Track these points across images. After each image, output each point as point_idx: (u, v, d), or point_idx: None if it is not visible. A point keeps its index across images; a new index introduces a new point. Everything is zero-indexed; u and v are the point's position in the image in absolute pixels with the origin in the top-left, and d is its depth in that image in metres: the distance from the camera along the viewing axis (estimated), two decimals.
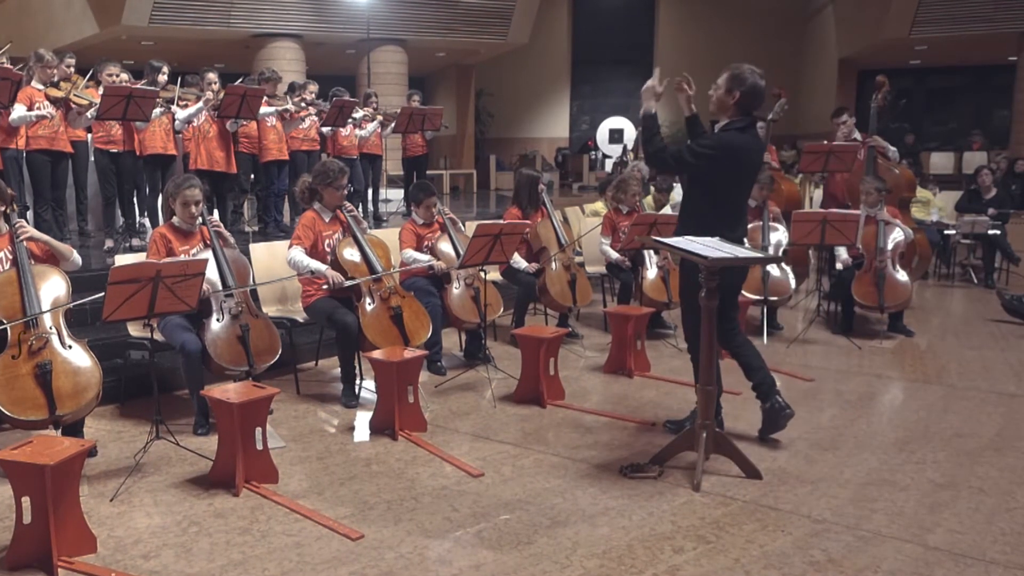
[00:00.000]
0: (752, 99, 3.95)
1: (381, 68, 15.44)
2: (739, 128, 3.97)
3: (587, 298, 6.32)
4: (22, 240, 4.00)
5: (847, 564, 3.01)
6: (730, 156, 3.92)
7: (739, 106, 3.96)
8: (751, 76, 3.93)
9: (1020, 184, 12.37)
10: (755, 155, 4.10)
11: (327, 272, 4.84)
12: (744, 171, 4.06)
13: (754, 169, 4.17)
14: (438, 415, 4.68)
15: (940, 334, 6.83)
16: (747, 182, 4.16)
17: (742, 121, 3.98)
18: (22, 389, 3.64)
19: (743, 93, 3.93)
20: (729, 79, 3.97)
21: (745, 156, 4.00)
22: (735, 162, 3.95)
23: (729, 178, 3.98)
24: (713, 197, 4.02)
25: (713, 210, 4.01)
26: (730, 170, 3.95)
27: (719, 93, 4.01)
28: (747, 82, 3.92)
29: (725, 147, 3.93)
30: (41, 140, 6.41)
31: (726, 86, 3.98)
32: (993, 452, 4.13)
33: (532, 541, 3.18)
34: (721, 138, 3.97)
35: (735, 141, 3.95)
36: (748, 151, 4.01)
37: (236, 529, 3.28)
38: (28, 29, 14.57)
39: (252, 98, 7.13)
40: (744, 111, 3.97)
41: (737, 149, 3.94)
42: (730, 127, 3.98)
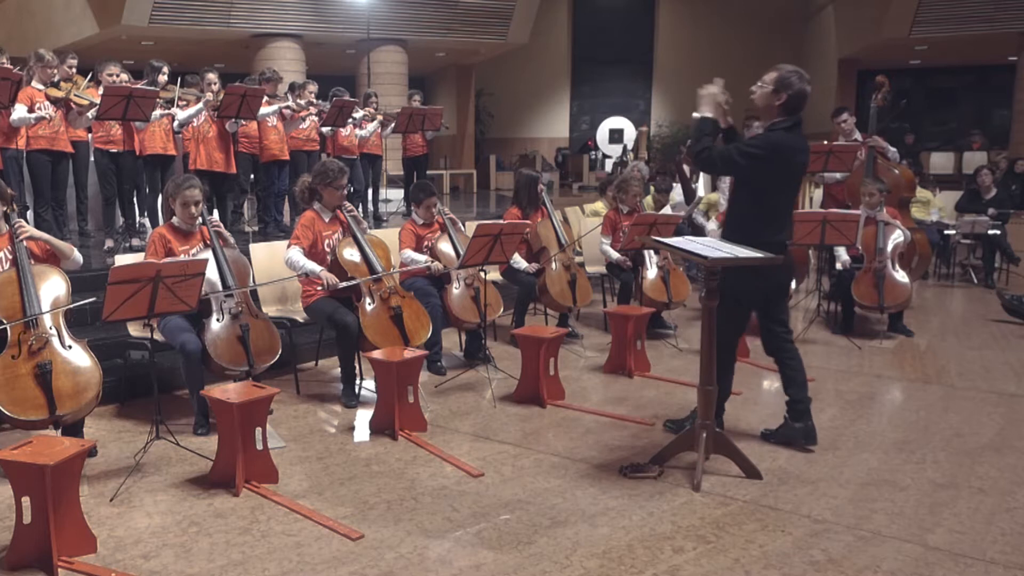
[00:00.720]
0: (798, 102, 3.91)
1: (381, 68, 15.43)
2: (786, 128, 3.91)
3: (587, 298, 6.32)
4: (22, 240, 4.00)
5: (847, 564, 3.01)
6: (778, 156, 3.86)
7: (784, 107, 3.91)
8: (799, 81, 3.90)
9: (1020, 184, 12.37)
10: (802, 156, 4.02)
11: (322, 274, 4.84)
12: (791, 172, 4.00)
13: (801, 170, 4.10)
14: (438, 415, 4.68)
15: (940, 334, 6.82)
16: (794, 183, 4.09)
17: (788, 121, 3.92)
18: (22, 389, 3.64)
19: (790, 96, 3.89)
20: (777, 79, 3.91)
21: (793, 156, 3.94)
22: (783, 163, 3.89)
23: (776, 179, 3.93)
24: (759, 199, 3.95)
25: (759, 212, 3.96)
26: (778, 171, 3.90)
27: (765, 91, 3.95)
28: (794, 86, 3.88)
29: (774, 147, 3.86)
30: (41, 140, 6.41)
31: (774, 86, 3.92)
32: (993, 452, 4.13)
33: (532, 541, 3.18)
34: (769, 138, 3.90)
35: (784, 141, 3.89)
36: (795, 151, 3.95)
37: (236, 529, 3.28)
38: (28, 29, 14.58)
39: (252, 98, 7.13)
40: (789, 112, 3.93)
41: (785, 149, 3.89)
42: (777, 127, 3.92)
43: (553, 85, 22.57)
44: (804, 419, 4.10)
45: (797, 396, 4.11)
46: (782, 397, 5.10)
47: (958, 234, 9.34)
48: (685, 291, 6.56)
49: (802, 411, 4.10)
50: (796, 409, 4.11)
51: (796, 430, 4.10)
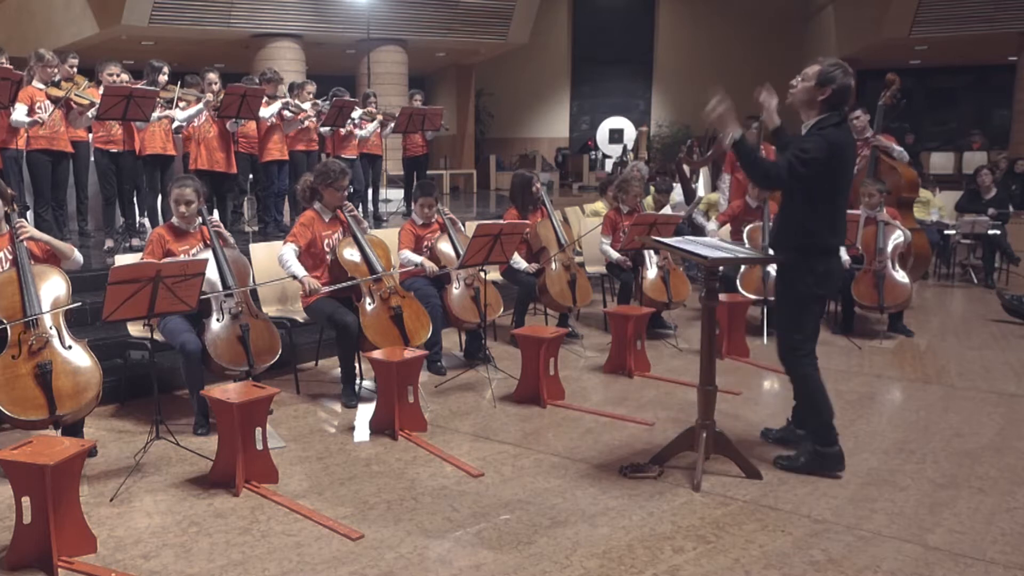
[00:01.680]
0: (842, 97, 3.73)
1: (381, 68, 15.43)
2: (835, 124, 3.71)
3: (587, 298, 6.32)
4: (22, 240, 4.00)
5: (847, 564, 3.01)
6: (838, 154, 3.67)
7: (828, 103, 3.72)
8: (843, 75, 3.71)
9: (1020, 184, 12.37)
10: (852, 151, 3.87)
11: (303, 279, 4.83)
12: (847, 169, 3.81)
13: (852, 165, 3.91)
14: (438, 415, 4.68)
15: (940, 334, 6.82)
16: (848, 180, 3.88)
17: (836, 116, 3.73)
18: (22, 389, 3.64)
19: (834, 91, 3.70)
20: (820, 73, 3.70)
21: (848, 153, 3.77)
22: (841, 162, 3.72)
23: (833, 178, 3.72)
24: (816, 201, 3.73)
25: (820, 217, 3.74)
26: (838, 171, 3.72)
27: (807, 86, 3.74)
28: (838, 80, 3.69)
29: (833, 146, 3.66)
30: (41, 140, 6.41)
31: (816, 80, 3.72)
32: (993, 452, 4.13)
33: (532, 541, 3.18)
34: (827, 136, 3.68)
35: (840, 139, 3.69)
36: (849, 147, 3.79)
37: (236, 529, 3.28)
38: (28, 29, 14.57)
39: (252, 98, 7.13)
40: (832, 107, 3.73)
41: (842, 146, 3.70)
42: (826, 123, 3.71)
43: (553, 85, 22.58)
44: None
45: None
46: (782, 397, 5.11)
47: (958, 234, 9.34)
48: (685, 291, 6.56)
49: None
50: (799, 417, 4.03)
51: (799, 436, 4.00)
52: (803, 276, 3.74)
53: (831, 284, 3.88)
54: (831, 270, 3.80)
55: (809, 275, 3.72)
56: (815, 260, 3.74)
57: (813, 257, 3.73)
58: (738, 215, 6.92)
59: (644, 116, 22.23)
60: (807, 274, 3.73)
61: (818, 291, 3.80)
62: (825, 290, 3.87)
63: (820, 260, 3.75)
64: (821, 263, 3.74)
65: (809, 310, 3.82)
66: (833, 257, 3.81)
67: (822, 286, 3.79)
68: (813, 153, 3.62)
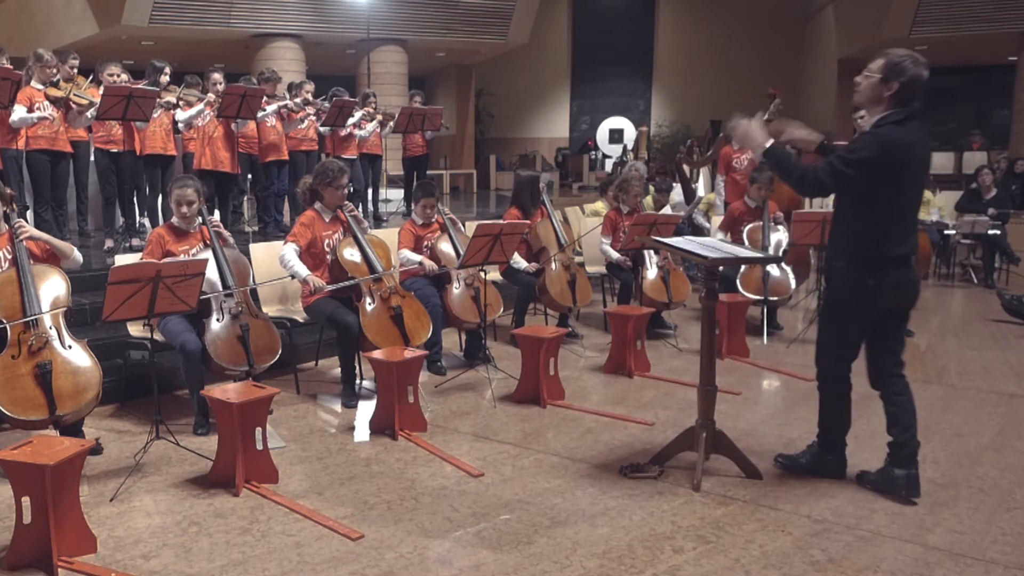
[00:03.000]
0: (913, 91, 3.36)
1: (381, 68, 15.43)
2: (896, 122, 3.36)
3: (587, 298, 6.32)
4: (22, 240, 4.00)
5: (847, 564, 3.01)
6: (894, 155, 3.32)
7: (896, 98, 3.37)
8: (913, 66, 3.34)
9: (1020, 184, 12.37)
10: (921, 150, 3.46)
11: (307, 278, 4.83)
12: (910, 171, 3.41)
13: (922, 167, 3.49)
14: (438, 415, 4.68)
15: (940, 334, 6.82)
16: (915, 184, 3.47)
17: (900, 113, 3.36)
18: (22, 389, 3.64)
19: (903, 84, 3.34)
20: (886, 66, 3.36)
21: (910, 153, 3.39)
22: (899, 162, 3.34)
23: (893, 182, 3.36)
24: (874, 208, 3.38)
25: (877, 224, 3.39)
26: (894, 172, 3.35)
27: (872, 81, 3.40)
28: (908, 72, 3.33)
29: (886, 145, 3.31)
30: (41, 140, 6.40)
31: (882, 74, 3.37)
32: (993, 452, 4.13)
33: (532, 541, 3.18)
34: (879, 135, 3.35)
35: (896, 137, 3.33)
36: (913, 146, 3.39)
37: (236, 529, 3.28)
38: (28, 29, 14.57)
39: (252, 98, 7.13)
40: (902, 104, 3.38)
41: (901, 146, 3.34)
42: (885, 121, 3.38)
43: (553, 85, 22.59)
44: (908, 465, 3.56)
45: (901, 438, 3.56)
46: (782, 397, 5.12)
47: (958, 234, 9.34)
48: (685, 291, 6.56)
49: (906, 456, 3.57)
50: (899, 454, 3.58)
51: (897, 477, 3.56)
52: (851, 288, 3.46)
53: (889, 297, 3.46)
54: (888, 282, 3.42)
55: (858, 287, 3.43)
56: (867, 271, 3.41)
57: (866, 268, 3.41)
58: (737, 216, 6.92)
59: (644, 116, 22.23)
60: (856, 286, 3.44)
61: (864, 307, 3.46)
62: (877, 306, 3.46)
63: (873, 272, 3.41)
64: (874, 275, 3.41)
65: (853, 326, 3.53)
66: (891, 270, 3.42)
67: (872, 301, 3.44)
68: (861, 153, 3.33)
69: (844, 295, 3.52)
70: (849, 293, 3.49)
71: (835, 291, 3.59)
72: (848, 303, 3.51)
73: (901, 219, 3.44)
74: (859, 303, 3.47)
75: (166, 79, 7.13)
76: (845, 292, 3.51)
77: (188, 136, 7.33)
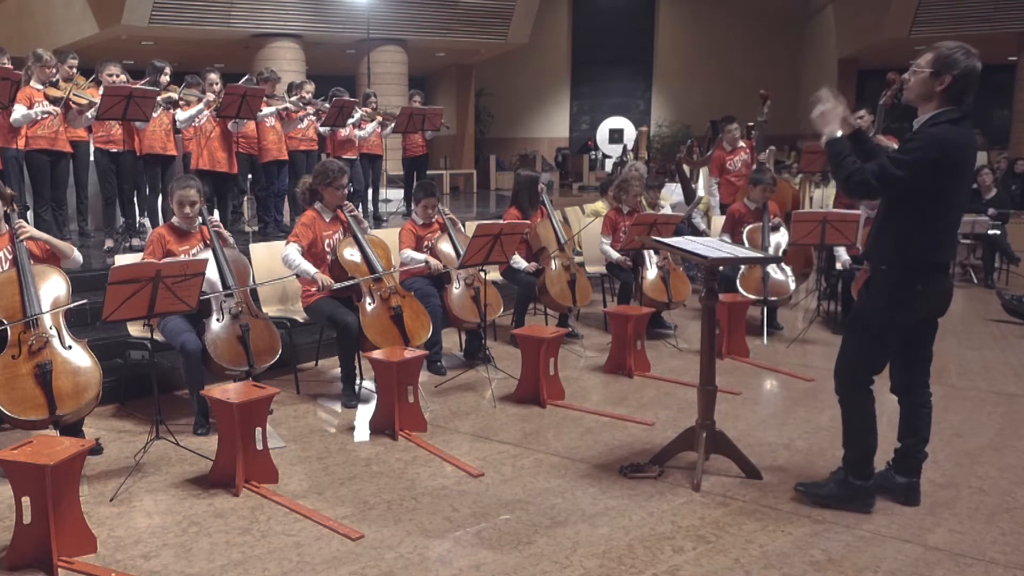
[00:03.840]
0: (966, 85, 3.15)
1: (381, 68, 15.43)
2: (952, 121, 3.15)
3: (587, 298, 6.32)
4: (22, 240, 4.00)
5: (847, 564, 3.01)
6: (947, 156, 3.12)
7: (949, 94, 3.16)
8: (966, 58, 3.13)
9: (1020, 184, 12.37)
10: (973, 153, 3.29)
11: (316, 276, 4.84)
12: (964, 174, 3.24)
13: (972, 171, 3.36)
14: (438, 415, 4.68)
15: (940, 334, 6.74)
16: (965, 188, 3.31)
17: (955, 111, 3.16)
18: (22, 389, 3.64)
19: (956, 77, 3.13)
20: (936, 60, 3.16)
21: (965, 155, 3.22)
22: (954, 163, 3.15)
23: (946, 185, 3.15)
24: (924, 212, 3.19)
25: (926, 229, 3.21)
26: (948, 175, 3.14)
27: (922, 76, 3.19)
28: (960, 64, 3.12)
29: (941, 145, 3.10)
30: (41, 140, 6.41)
31: (932, 68, 3.16)
32: (993, 452, 4.13)
33: (532, 541, 3.18)
34: (934, 135, 3.13)
35: (951, 137, 3.13)
36: (967, 148, 3.22)
37: (236, 529, 3.28)
38: (28, 29, 14.57)
39: (252, 98, 7.13)
40: (955, 100, 3.17)
41: (955, 147, 3.14)
42: (940, 119, 3.16)
43: (553, 85, 22.58)
44: (911, 474, 3.52)
45: (912, 449, 3.51)
46: (782, 397, 5.12)
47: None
48: (685, 291, 6.56)
49: (912, 466, 3.52)
50: (905, 463, 3.53)
51: (899, 484, 3.53)
52: (896, 293, 3.26)
53: (931, 304, 3.34)
54: (933, 288, 3.28)
55: (904, 292, 3.25)
56: (914, 276, 3.24)
57: (912, 273, 3.24)
58: (738, 218, 6.92)
59: (644, 116, 22.23)
60: (902, 291, 3.25)
61: (906, 314, 3.29)
62: (917, 313, 3.32)
63: (919, 277, 3.24)
64: (920, 280, 3.24)
65: (885, 336, 3.34)
66: (938, 275, 3.28)
67: (914, 308, 3.28)
68: (916, 154, 3.11)
69: (886, 301, 3.28)
70: (892, 299, 3.27)
71: (876, 297, 3.32)
72: (890, 309, 3.28)
73: (950, 224, 3.28)
74: (902, 309, 3.27)
75: (166, 79, 7.13)
76: (887, 298, 3.28)
77: (187, 136, 7.33)
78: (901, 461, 3.54)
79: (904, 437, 3.53)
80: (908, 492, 3.50)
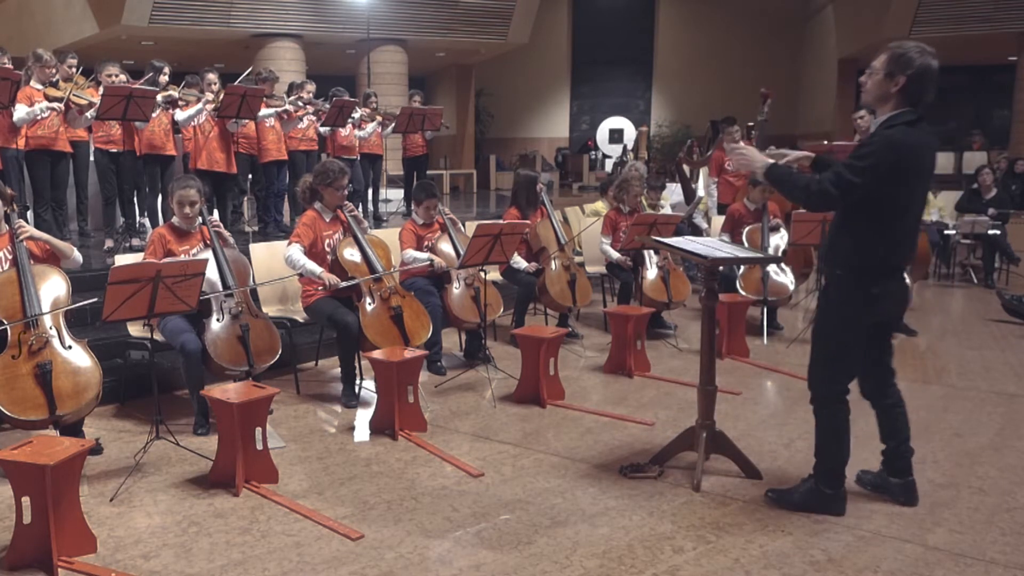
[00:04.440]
0: (922, 85, 3.12)
1: (381, 68, 15.43)
2: (908, 122, 3.13)
3: (587, 298, 6.32)
4: (22, 240, 4.00)
5: (847, 564, 3.01)
6: (903, 159, 3.08)
7: (905, 94, 3.14)
8: (920, 56, 3.10)
9: (1020, 184, 12.37)
10: (930, 155, 3.23)
11: (322, 275, 4.84)
12: (921, 177, 3.19)
13: (931, 174, 3.28)
14: (438, 415, 4.68)
15: (940, 334, 6.82)
16: (923, 191, 3.26)
17: (912, 113, 3.14)
18: (22, 389, 3.64)
19: (910, 78, 3.11)
20: (890, 60, 3.14)
21: (921, 157, 3.16)
22: (910, 167, 3.10)
23: (902, 188, 3.12)
24: (881, 217, 3.15)
25: (882, 233, 3.18)
26: (904, 178, 3.10)
27: (877, 78, 3.19)
28: (914, 64, 3.09)
29: (896, 147, 3.08)
30: (41, 140, 6.41)
31: (885, 69, 3.15)
32: (993, 452, 4.13)
33: (532, 541, 3.18)
34: (889, 138, 3.11)
35: (907, 139, 3.10)
36: (923, 150, 3.16)
37: (236, 529, 3.28)
38: (28, 29, 14.57)
39: (252, 98, 7.13)
40: (912, 101, 3.15)
41: (911, 149, 3.10)
42: (896, 121, 3.14)
43: (553, 85, 22.58)
44: (904, 474, 3.51)
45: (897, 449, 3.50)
46: (782, 397, 5.12)
47: (958, 234, 9.34)
48: (685, 291, 6.56)
49: (901, 466, 3.51)
50: (894, 464, 3.52)
51: (893, 485, 3.53)
52: (853, 298, 3.24)
53: (888, 307, 3.31)
54: (889, 291, 3.25)
55: (861, 297, 3.22)
56: (870, 281, 3.22)
57: (868, 277, 3.22)
58: (738, 218, 6.92)
59: (644, 116, 22.23)
60: (858, 295, 3.23)
61: (866, 317, 3.26)
62: (876, 316, 3.29)
63: (876, 281, 3.22)
64: (876, 284, 3.22)
65: (852, 340, 3.30)
66: (893, 279, 3.26)
67: (873, 311, 3.25)
68: (871, 159, 3.08)
69: (844, 305, 3.27)
70: (850, 302, 3.25)
71: (835, 302, 3.31)
72: (851, 313, 3.26)
73: (907, 228, 3.24)
74: (863, 311, 3.25)
75: (166, 79, 7.13)
76: (845, 302, 3.27)
77: (187, 136, 7.33)
78: (890, 463, 3.54)
79: (886, 440, 3.53)
80: (905, 493, 3.50)
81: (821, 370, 3.40)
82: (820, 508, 3.41)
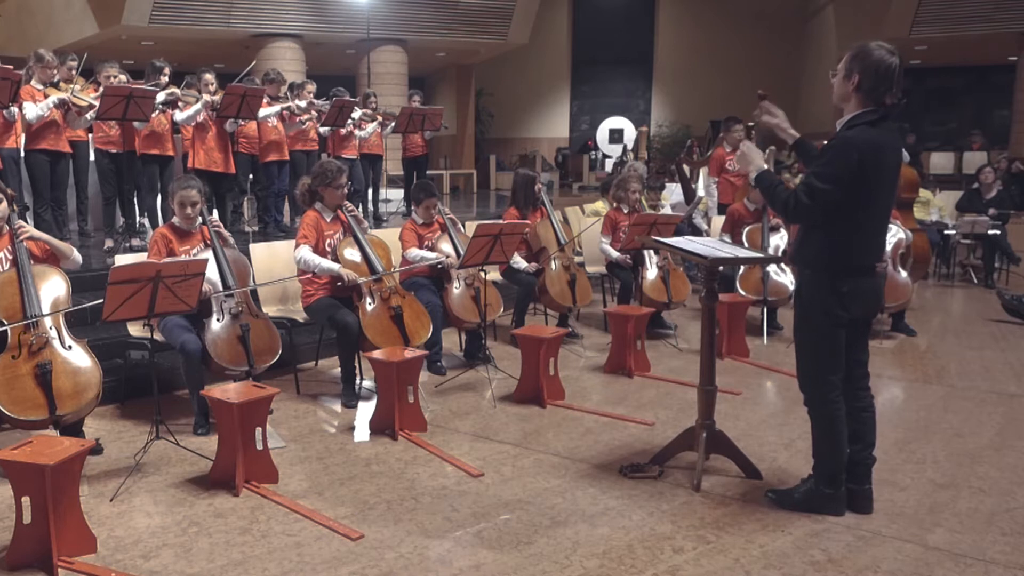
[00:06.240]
0: (878, 81, 3.08)
1: (381, 68, 15.44)
2: (870, 122, 3.12)
3: (587, 298, 6.32)
4: (22, 240, 4.00)
5: (847, 564, 3.01)
6: (864, 158, 3.07)
7: (863, 93, 3.12)
8: (876, 51, 3.08)
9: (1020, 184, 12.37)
10: (894, 155, 3.19)
11: (340, 271, 4.84)
12: (880, 176, 3.15)
13: (896, 173, 3.25)
14: (438, 415, 4.68)
15: (940, 334, 6.82)
16: (889, 190, 3.24)
17: (874, 112, 3.13)
18: (22, 389, 3.64)
19: (864, 74, 3.09)
20: (848, 59, 3.15)
21: (882, 157, 3.13)
22: (872, 167, 3.09)
23: (865, 189, 3.11)
24: (847, 217, 3.15)
25: (848, 234, 3.19)
26: (866, 178, 3.09)
27: (838, 79, 3.20)
28: (868, 59, 3.09)
29: (857, 147, 3.08)
30: (41, 140, 6.41)
31: (845, 68, 3.15)
32: (993, 452, 4.13)
33: (532, 541, 3.18)
34: (848, 138, 3.11)
35: (868, 138, 3.09)
36: (885, 149, 3.14)
37: (236, 529, 3.28)
38: (28, 29, 14.58)
39: (252, 98, 7.13)
40: (872, 99, 3.12)
41: (872, 147, 3.09)
42: (857, 121, 3.14)
43: (553, 85, 22.59)
44: (863, 481, 3.44)
45: (859, 456, 3.42)
46: (782, 397, 5.12)
47: (958, 234, 9.34)
48: (685, 291, 6.56)
49: (862, 473, 3.44)
50: (855, 471, 3.43)
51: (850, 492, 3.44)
52: (824, 296, 3.23)
53: (860, 305, 3.27)
54: (860, 289, 3.24)
55: (831, 295, 3.22)
56: (839, 279, 3.22)
57: (837, 276, 3.22)
58: (738, 218, 6.92)
59: (644, 116, 22.24)
60: (829, 294, 3.22)
61: (843, 313, 3.23)
62: (852, 312, 3.25)
63: (845, 280, 3.22)
64: (846, 282, 3.21)
65: (832, 336, 3.27)
66: (863, 277, 3.26)
67: (848, 307, 3.23)
68: (831, 166, 3.11)
69: (818, 304, 3.26)
70: (823, 301, 3.24)
71: (809, 301, 3.31)
72: (824, 311, 3.25)
73: (875, 228, 3.25)
74: (835, 309, 3.23)
75: (165, 79, 7.13)
76: (818, 300, 3.26)
77: (186, 136, 7.33)
78: (851, 469, 3.41)
79: (850, 444, 3.40)
80: (859, 500, 3.41)
81: (807, 371, 3.40)
82: (820, 508, 3.40)
